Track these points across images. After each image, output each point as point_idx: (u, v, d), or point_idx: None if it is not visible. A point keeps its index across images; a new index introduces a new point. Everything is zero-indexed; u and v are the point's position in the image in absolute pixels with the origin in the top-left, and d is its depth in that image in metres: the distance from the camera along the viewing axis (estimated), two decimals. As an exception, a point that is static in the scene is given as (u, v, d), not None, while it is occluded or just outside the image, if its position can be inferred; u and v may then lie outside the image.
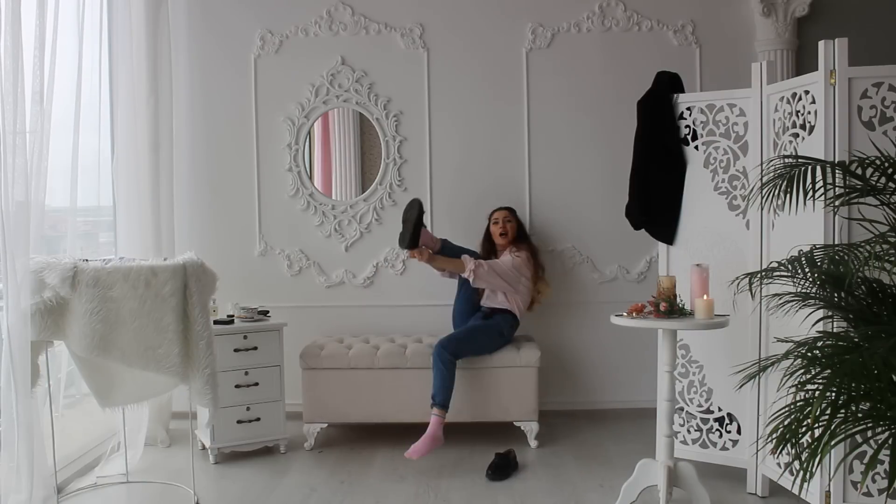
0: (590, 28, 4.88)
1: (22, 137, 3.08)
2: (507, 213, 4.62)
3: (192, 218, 4.88)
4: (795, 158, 2.76)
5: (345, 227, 4.95)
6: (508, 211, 4.64)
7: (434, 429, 3.96)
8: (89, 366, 3.42)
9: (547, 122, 4.88)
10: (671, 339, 3.28)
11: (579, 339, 4.91)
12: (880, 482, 3.02)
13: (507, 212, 4.63)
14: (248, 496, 3.65)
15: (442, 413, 4.00)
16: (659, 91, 3.80)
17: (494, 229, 4.58)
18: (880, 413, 2.14)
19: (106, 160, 4.19)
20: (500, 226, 4.56)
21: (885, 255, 2.42)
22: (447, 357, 4.07)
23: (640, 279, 4.90)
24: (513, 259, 4.40)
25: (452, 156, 4.91)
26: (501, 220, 4.58)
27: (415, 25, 4.88)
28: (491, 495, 3.61)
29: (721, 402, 3.66)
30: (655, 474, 3.28)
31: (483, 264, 4.30)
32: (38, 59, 3.24)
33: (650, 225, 3.89)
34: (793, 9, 4.74)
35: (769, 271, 2.79)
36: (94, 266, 3.08)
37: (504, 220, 4.57)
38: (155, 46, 4.46)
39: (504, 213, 4.62)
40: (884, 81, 3.06)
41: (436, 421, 3.97)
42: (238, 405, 4.13)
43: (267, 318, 4.34)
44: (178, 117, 4.74)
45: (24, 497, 3.08)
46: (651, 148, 3.79)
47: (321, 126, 4.96)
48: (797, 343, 2.35)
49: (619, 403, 4.88)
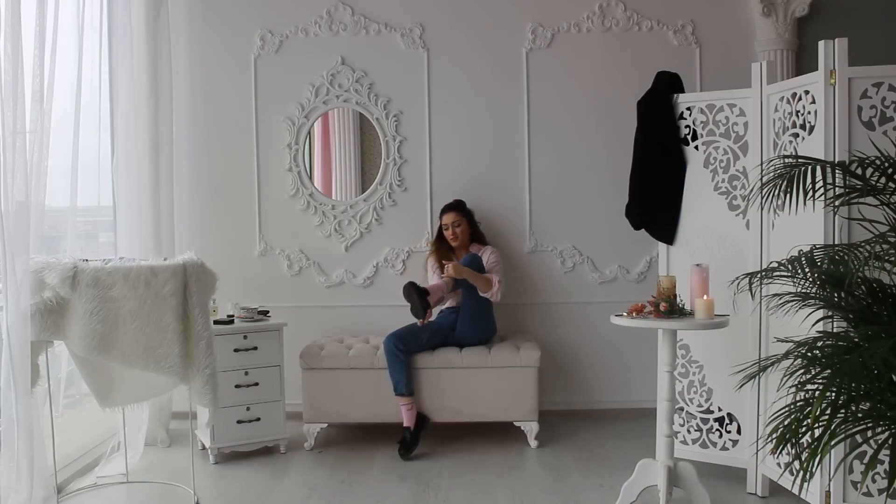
0: (590, 28, 4.88)
1: (22, 137, 3.08)
2: (455, 217, 4.53)
3: (192, 218, 4.87)
4: (795, 158, 2.76)
5: (345, 227, 4.94)
6: (455, 213, 4.55)
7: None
8: (89, 366, 3.42)
9: (547, 122, 4.88)
10: (671, 339, 3.28)
11: (579, 339, 4.91)
12: (880, 482, 3.02)
13: (454, 214, 4.54)
14: (248, 496, 3.65)
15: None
16: (659, 91, 3.80)
17: (446, 234, 4.55)
18: (880, 413, 2.14)
19: (106, 160, 4.18)
20: (450, 231, 4.52)
21: (885, 255, 2.42)
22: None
23: (640, 279, 4.90)
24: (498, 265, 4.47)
25: (452, 156, 4.91)
26: (451, 226, 4.52)
27: (415, 25, 4.88)
28: (491, 495, 3.61)
29: (721, 402, 3.66)
30: (655, 474, 3.28)
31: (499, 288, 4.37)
32: (38, 59, 3.25)
33: (650, 225, 3.89)
34: (793, 9, 4.74)
35: (769, 271, 2.80)
36: (94, 266, 3.08)
37: (453, 226, 4.51)
38: (155, 46, 4.46)
39: (452, 216, 4.54)
40: (884, 81, 3.06)
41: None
42: (238, 405, 4.13)
43: (267, 318, 4.34)
44: (178, 117, 4.73)
45: (24, 497, 3.08)
46: (651, 148, 3.79)
47: (321, 126, 4.96)
48: (797, 343, 2.35)
49: (619, 403, 4.88)
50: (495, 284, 4.35)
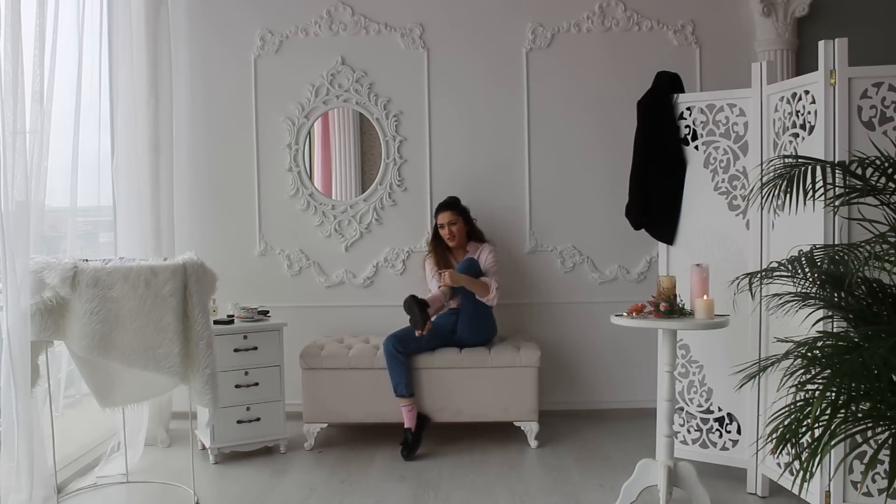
0: (590, 28, 4.88)
1: (22, 137, 3.08)
2: (450, 216, 4.44)
3: (192, 218, 4.87)
4: (795, 158, 2.76)
5: (345, 227, 4.94)
6: (451, 211, 4.46)
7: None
8: (89, 366, 3.42)
9: (547, 121, 4.88)
10: (671, 339, 3.28)
11: (579, 339, 4.91)
12: (880, 482, 3.02)
13: (450, 213, 4.45)
14: (248, 496, 3.65)
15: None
16: (659, 91, 3.80)
17: (442, 233, 4.47)
18: (880, 413, 2.14)
19: (106, 160, 4.18)
20: (447, 230, 4.44)
21: (885, 255, 2.42)
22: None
23: (640, 279, 4.90)
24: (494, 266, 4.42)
25: (452, 156, 4.91)
26: (446, 224, 4.44)
27: (415, 25, 4.88)
28: (491, 495, 3.61)
29: (721, 402, 3.66)
30: (655, 474, 3.28)
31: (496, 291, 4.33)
32: (38, 59, 3.24)
33: (650, 225, 3.89)
34: (793, 9, 4.74)
35: (769, 271, 2.80)
36: (94, 266, 3.08)
37: (449, 225, 4.43)
38: (155, 46, 4.46)
39: (447, 215, 4.45)
40: (884, 81, 3.06)
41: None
42: (238, 405, 4.13)
43: (267, 318, 4.34)
44: (178, 117, 4.73)
45: (24, 497, 3.08)
46: (651, 148, 3.79)
47: (321, 126, 4.96)
48: (797, 343, 2.35)
49: (619, 403, 4.88)
50: (492, 291, 4.31)
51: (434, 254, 4.54)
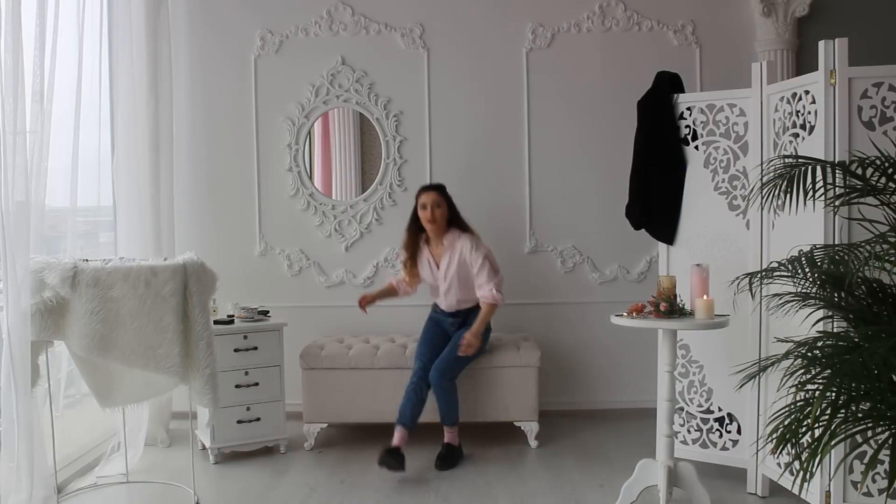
0: (590, 28, 4.88)
1: (22, 137, 3.08)
2: (436, 197, 4.13)
3: (192, 218, 4.87)
4: (795, 158, 2.76)
5: (345, 227, 4.95)
6: (437, 193, 4.15)
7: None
8: (89, 366, 3.42)
9: (547, 122, 4.88)
10: (671, 339, 3.28)
11: (579, 339, 4.91)
12: (880, 482, 3.02)
13: (435, 194, 4.14)
14: (248, 496, 3.65)
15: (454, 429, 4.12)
16: (659, 91, 3.80)
17: (423, 214, 4.13)
18: (880, 413, 2.14)
19: (106, 160, 4.19)
20: (428, 212, 4.10)
21: (885, 255, 2.42)
22: (447, 384, 4.05)
23: (640, 279, 4.90)
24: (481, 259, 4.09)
25: (452, 156, 4.90)
26: (430, 204, 4.10)
27: (415, 25, 4.88)
28: (491, 495, 3.61)
29: (721, 402, 3.66)
30: (655, 474, 3.28)
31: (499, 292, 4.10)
32: (38, 59, 3.25)
33: (650, 225, 3.88)
34: (793, 9, 4.74)
35: (769, 271, 2.79)
36: (94, 266, 3.08)
37: (433, 206, 4.10)
38: (155, 46, 4.46)
39: (432, 195, 4.13)
40: (884, 81, 3.06)
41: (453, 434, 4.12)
42: (238, 405, 4.13)
43: (267, 318, 4.34)
44: (178, 117, 4.74)
45: (24, 497, 3.08)
46: (651, 148, 3.79)
47: (321, 126, 4.96)
48: (797, 343, 2.35)
49: (619, 403, 4.88)
50: (498, 301, 4.11)
51: (409, 245, 4.25)
